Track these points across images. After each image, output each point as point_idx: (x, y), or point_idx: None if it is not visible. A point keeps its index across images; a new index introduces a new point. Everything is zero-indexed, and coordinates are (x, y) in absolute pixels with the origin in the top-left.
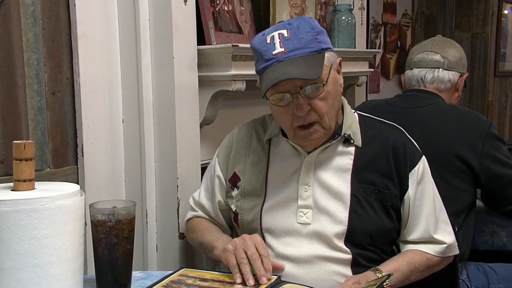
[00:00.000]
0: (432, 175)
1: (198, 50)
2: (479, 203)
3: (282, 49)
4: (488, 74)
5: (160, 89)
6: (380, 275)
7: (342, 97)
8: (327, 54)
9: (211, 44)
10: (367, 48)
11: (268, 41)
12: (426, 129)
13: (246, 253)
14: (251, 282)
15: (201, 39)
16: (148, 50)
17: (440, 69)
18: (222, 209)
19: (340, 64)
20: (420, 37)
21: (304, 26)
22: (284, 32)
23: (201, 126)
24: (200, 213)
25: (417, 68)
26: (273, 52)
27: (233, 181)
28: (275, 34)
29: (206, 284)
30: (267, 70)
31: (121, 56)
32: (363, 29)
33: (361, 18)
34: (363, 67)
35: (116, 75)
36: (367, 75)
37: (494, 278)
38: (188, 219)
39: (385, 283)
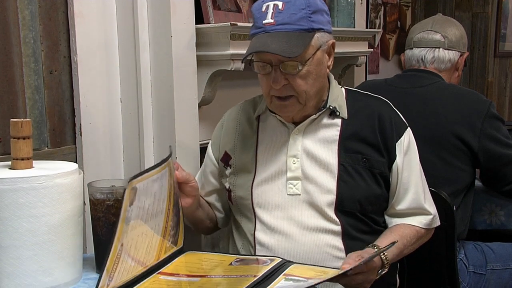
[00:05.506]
0: (431, 154)
1: (196, 29)
2: (477, 183)
3: (272, 21)
4: (488, 54)
5: (158, 68)
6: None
7: (329, 73)
8: (317, 35)
9: (209, 23)
10: (366, 28)
11: (263, 9)
12: (425, 108)
13: None
14: None
15: (199, 17)
16: (146, 29)
17: (441, 49)
18: (215, 189)
19: (333, 46)
20: (420, 17)
21: (301, 2)
22: (280, 4)
23: (199, 106)
24: None
25: (417, 47)
26: (263, 22)
27: (225, 160)
28: (271, 4)
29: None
30: (254, 38)
31: (118, 34)
32: (362, 8)
33: None
34: (363, 47)
35: (114, 54)
36: (366, 56)
37: (491, 257)
38: None
39: (382, 254)
